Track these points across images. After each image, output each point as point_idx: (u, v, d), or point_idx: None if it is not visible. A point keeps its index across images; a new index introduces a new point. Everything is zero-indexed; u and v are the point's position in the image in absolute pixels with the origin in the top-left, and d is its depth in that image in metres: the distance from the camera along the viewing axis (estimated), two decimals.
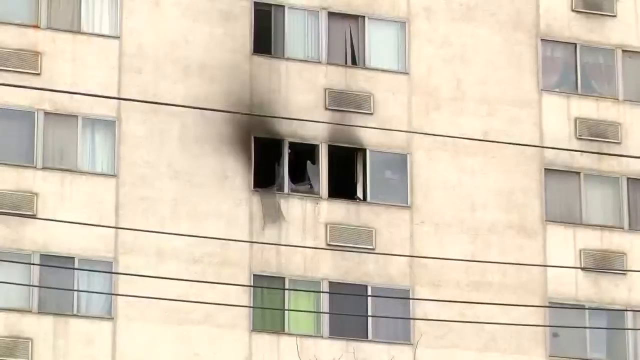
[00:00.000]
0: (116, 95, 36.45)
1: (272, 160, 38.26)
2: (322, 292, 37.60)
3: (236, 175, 37.62)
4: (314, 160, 38.56)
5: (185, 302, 33.93)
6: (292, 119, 38.07)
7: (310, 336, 37.13)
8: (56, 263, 35.68)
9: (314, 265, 37.74)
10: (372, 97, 38.87)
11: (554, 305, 38.76)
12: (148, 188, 36.89)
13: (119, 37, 37.66)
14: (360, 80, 39.09)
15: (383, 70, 39.32)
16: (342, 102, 38.69)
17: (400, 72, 39.37)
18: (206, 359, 36.44)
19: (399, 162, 38.96)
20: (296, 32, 39.23)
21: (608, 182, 40.22)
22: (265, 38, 38.84)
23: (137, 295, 33.90)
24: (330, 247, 37.73)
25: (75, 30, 37.46)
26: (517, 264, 37.82)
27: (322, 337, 37.31)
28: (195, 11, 38.31)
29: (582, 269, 38.92)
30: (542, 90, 39.98)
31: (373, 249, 37.86)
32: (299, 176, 38.54)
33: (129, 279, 35.07)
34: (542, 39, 40.45)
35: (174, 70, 37.72)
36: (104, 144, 37.31)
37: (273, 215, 37.80)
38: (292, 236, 37.56)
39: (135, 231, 34.20)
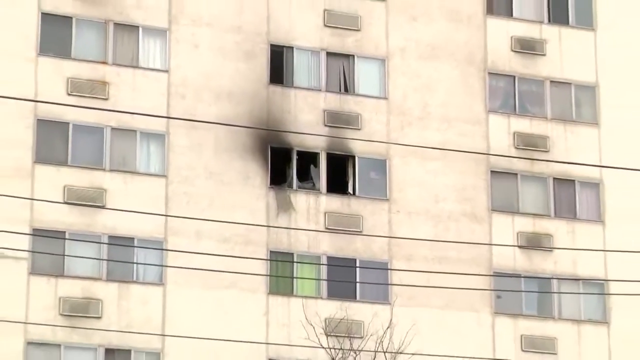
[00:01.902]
0: (165, 115, 36.69)
1: (284, 164, 37.97)
2: (322, 264, 37.45)
3: (256, 175, 37.39)
4: (316, 164, 38.27)
5: (217, 272, 34.52)
6: (299, 133, 37.67)
7: (313, 297, 36.94)
8: (120, 242, 35.79)
9: (316, 244, 37.48)
10: (360, 117, 38.59)
11: (498, 275, 38.49)
12: (189, 185, 36.70)
13: (167, 71, 37.38)
14: (351, 103, 38.77)
15: (368, 96, 38.99)
16: (337, 120, 38.43)
17: (381, 98, 39.01)
18: (233, 315, 36.03)
19: (380, 166, 38.63)
20: (302, 67, 38.91)
21: (538, 181, 39.85)
22: (278, 71, 38.45)
23: (181, 266, 34.52)
24: (328, 230, 37.53)
25: (134, 65, 37.29)
26: (469, 242, 37.49)
27: (321, 298, 37.06)
28: (225, 51, 37.89)
29: (519, 247, 38.95)
30: (488, 111, 39.61)
31: (360, 232, 37.70)
32: (304, 176, 38.23)
33: (176, 254, 35.07)
34: (489, 73, 40.04)
35: (209, 96, 37.37)
36: (156, 152, 37.13)
37: (285, 206, 37.58)
38: (299, 222, 37.40)
39: (180, 218, 35.25)
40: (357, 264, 37.64)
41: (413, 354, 33.73)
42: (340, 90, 38.96)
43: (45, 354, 34.80)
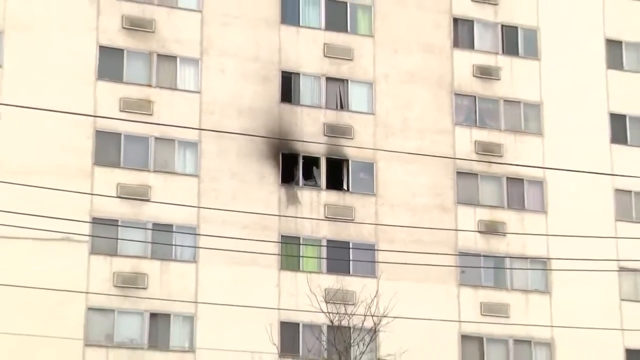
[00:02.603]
0: (198, 127, 36.24)
1: (292, 166, 37.67)
2: (322, 246, 37.22)
3: (270, 175, 37.20)
4: (318, 166, 37.97)
5: (239, 252, 34.25)
6: (304, 141, 37.42)
7: (315, 272, 36.57)
8: (162, 228, 35.58)
9: (318, 230, 37.18)
10: (352, 129, 38.32)
11: (462, 254, 38.16)
12: (217, 183, 36.48)
13: (199, 92, 37.03)
14: (345, 118, 38.49)
15: (359, 112, 38.65)
16: (334, 131, 38.18)
17: (369, 114, 38.68)
18: (252, 286, 35.74)
19: (369, 168, 38.32)
20: (306, 89, 38.48)
21: (494, 180, 39.37)
22: (287, 93, 38.11)
23: (210, 247, 34.58)
24: (327, 218, 37.35)
25: (173, 87, 36.93)
26: (439, 228, 37.35)
27: (322, 273, 36.77)
28: (245, 76, 37.65)
29: (479, 232, 38.58)
30: (455, 124, 39.29)
31: (353, 220, 37.51)
32: (308, 176, 37.88)
33: (206, 237, 34.82)
34: (455, 94, 39.61)
35: (233, 112, 37.10)
36: (190, 157, 36.71)
37: (292, 200, 37.28)
38: (304, 212, 37.14)
39: (209, 209, 35.22)
40: (350, 246, 37.49)
41: (395, 317, 33.10)
42: (336, 108, 38.75)
43: (102, 317, 34.50)
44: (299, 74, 38.52)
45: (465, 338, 37.52)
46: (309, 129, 38.04)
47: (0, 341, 32.58)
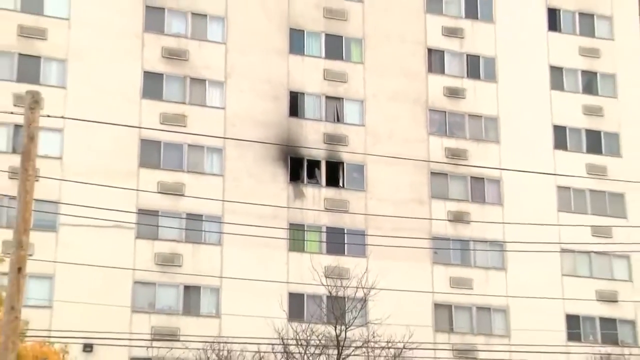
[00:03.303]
0: (222, 136, 36.20)
1: (298, 168, 37.72)
2: (322, 231, 37.27)
3: (280, 175, 37.32)
4: (319, 168, 38.02)
5: (256, 237, 34.11)
6: (308, 148, 37.65)
7: (316, 253, 36.65)
8: (193, 218, 35.56)
9: (319, 219, 37.28)
10: (347, 137, 38.43)
11: (435, 238, 38.14)
12: (238, 182, 36.64)
13: (224, 108, 37.20)
14: (341, 129, 38.60)
15: (352, 124, 38.73)
16: (332, 139, 38.27)
17: (361, 125, 38.75)
18: (266, 264, 35.63)
19: (360, 169, 38.34)
20: (310, 105, 38.45)
21: (461, 179, 39.33)
22: (294, 108, 38.17)
23: (232, 233, 34.43)
24: (326, 210, 37.41)
25: (203, 104, 37.04)
26: (417, 218, 37.21)
27: (322, 253, 36.85)
28: (260, 95, 37.77)
29: (448, 220, 38.61)
30: (429, 134, 39.40)
31: (347, 211, 37.61)
32: (311, 176, 37.87)
33: (229, 225, 34.58)
34: (429, 109, 39.69)
35: (250, 124, 37.23)
36: (217, 160, 36.74)
37: (298, 195, 37.29)
38: (308, 204, 37.12)
39: (232, 202, 35.31)
40: (345, 232, 37.67)
41: (381, 289, 33.23)
42: (334, 121, 38.91)
43: (145, 289, 34.79)
44: (303, 93, 38.68)
45: (437, 306, 37.71)
46: (312, 138, 38.17)
47: (68, 308, 32.99)
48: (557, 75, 41.74)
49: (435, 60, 40.53)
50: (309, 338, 28.56)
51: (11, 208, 30.56)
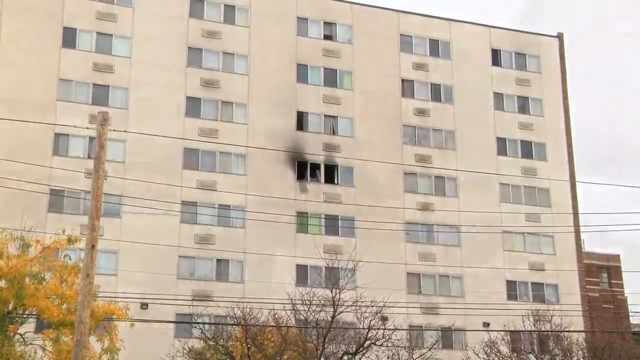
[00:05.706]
0: (245, 145, 36.03)
1: (303, 169, 37.41)
2: (322, 218, 36.90)
3: (289, 175, 36.99)
4: (319, 169, 37.70)
5: (271, 222, 34.38)
6: (311, 154, 37.36)
7: (317, 234, 36.35)
8: (224, 207, 35.14)
9: (319, 208, 36.95)
10: (340, 146, 38.17)
11: (408, 223, 37.51)
12: (258, 180, 36.16)
13: (247, 124, 36.90)
14: (336, 140, 38.28)
15: (345, 136, 38.46)
16: (329, 148, 37.98)
17: (351, 137, 38.54)
18: (279, 242, 35.21)
19: (350, 170, 38.02)
20: (312, 122, 38.14)
21: (427, 178, 38.55)
22: (300, 124, 37.92)
23: (253, 219, 34.48)
24: (325, 201, 37.10)
25: (231, 121, 36.57)
26: (394, 207, 37.23)
27: (322, 235, 36.49)
28: (275, 114, 37.42)
29: (417, 209, 38.06)
30: (403, 143, 38.84)
31: (341, 202, 37.39)
32: (313, 175, 37.53)
33: (251, 213, 34.52)
34: (403, 125, 39.43)
35: (266, 136, 36.95)
36: (241, 164, 36.38)
37: (303, 190, 36.90)
38: (311, 197, 36.85)
39: (252, 195, 35.26)
40: (339, 218, 37.40)
41: (366, 262, 33.19)
42: (331, 133, 38.69)
43: (187, 262, 34.43)
44: (307, 112, 38.61)
45: (409, 275, 37.52)
46: (314, 147, 38.04)
47: (128, 276, 32.84)
48: (499, 99, 41.63)
49: (407, 87, 40.42)
50: (311, 299, 28.10)
51: (87, 200, 30.62)
